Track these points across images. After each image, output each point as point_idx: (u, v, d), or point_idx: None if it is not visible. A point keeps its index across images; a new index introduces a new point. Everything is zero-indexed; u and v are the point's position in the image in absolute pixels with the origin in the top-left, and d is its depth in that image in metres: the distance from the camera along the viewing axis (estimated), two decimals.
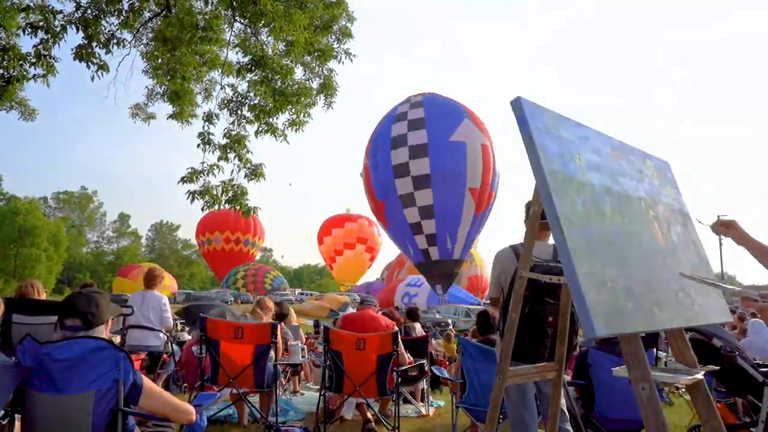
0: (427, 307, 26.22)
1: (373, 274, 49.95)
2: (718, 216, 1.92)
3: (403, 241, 22.51)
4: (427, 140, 21.31)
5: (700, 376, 1.86)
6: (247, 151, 6.78)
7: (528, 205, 3.06)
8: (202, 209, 6.65)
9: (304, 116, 6.80)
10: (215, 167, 6.60)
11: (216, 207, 6.68)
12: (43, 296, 4.47)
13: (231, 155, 6.69)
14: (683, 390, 6.65)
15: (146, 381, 2.23)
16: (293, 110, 6.65)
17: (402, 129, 21.95)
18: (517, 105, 1.89)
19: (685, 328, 2.12)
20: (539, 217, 2.32)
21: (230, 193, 6.60)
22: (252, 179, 6.76)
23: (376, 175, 22.47)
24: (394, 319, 6.39)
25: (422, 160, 21.11)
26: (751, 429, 3.66)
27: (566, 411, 3.12)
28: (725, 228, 1.89)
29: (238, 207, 6.59)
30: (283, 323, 6.52)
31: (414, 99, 23.37)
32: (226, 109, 6.83)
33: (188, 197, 6.55)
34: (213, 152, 6.65)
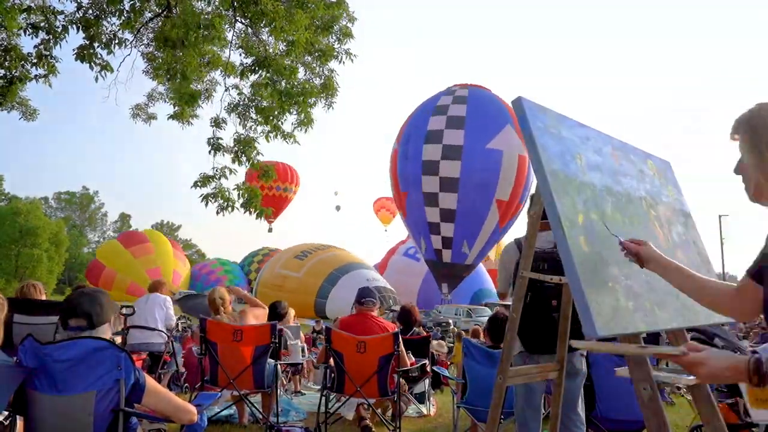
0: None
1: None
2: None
3: (418, 235, 21.80)
4: (463, 143, 20.21)
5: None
6: (257, 153, 6.80)
7: (532, 199, 3.06)
8: (217, 213, 6.66)
9: (309, 114, 6.80)
10: (226, 169, 6.61)
11: (230, 210, 6.66)
12: (44, 297, 4.47)
13: (242, 158, 6.72)
14: (685, 390, 6.64)
15: (149, 380, 2.24)
16: (299, 110, 6.65)
17: (440, 124, 20.73)
18: (518, 105, 1.89)
19: (686, 329, 2.11)
20: (540, 217, 2.32)
21: (245, 196, 6.60)
22: (265, 181, 6.80)
23: (404, 165, 21.42)
24: (412, 315, 6.35)
25: (454, 163, 20.10)
26: (753, 429, 3.66)
27: (581, 413, 3.10)
28: (637, 244, 1.76)
29: (253, 209, 6.60)
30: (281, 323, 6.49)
31: (459, 92, 21.78)
32: (234, 114, 6.85)
33: (202, 200, 6.55)
34: (223, 155, 6.68)
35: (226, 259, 51.41)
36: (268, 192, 38.17)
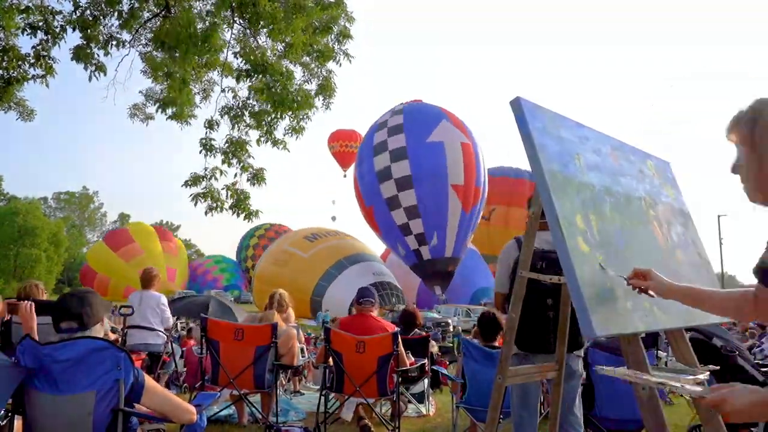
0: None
1: None
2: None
3: (395, 243, 23.12)
4: (405, 143, 21.97)
5: (702, 377, 1.86)
6: (249, 156, 6.80)
7: (530, 202, 3.06)
8: (206, 213, 6.71)
9: (303, 122, 6.81)
10: (217, 170, 6.63)
11: (219, 211, 6.70)
12: (45, 297, 4.46)
13: (233, 161, 6.73)
14: None
15: (148, 379, 2.24)
16: (293, 116, 6.66)
17: (383, 136, 22.74)
18: (517, 105, 1.89)
19: (685, 328, 2.11)
20: (539, 217, 2.32)
21: (234, 198, 6.63)
22: (254, 184, 6.79)
23: (363, 183, 23.28)
24: (415, 318, 6.34)
25: (402, 162, 21.81)
26: (752, 429, 3.66)
27: (578, 414, 3.09)
28: (642, 279, 1.72)
29: (242, 212, 6.61)
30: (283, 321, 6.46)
31: (396, 108, 24.12)
32: (227, 116, 6.85)
33: (192, 199, 6.62)
34: (215, 156, 6.68)
35: (221, 256, 51.26)
36: (340, 149, 38.46)
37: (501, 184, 29.32)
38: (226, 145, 6.74)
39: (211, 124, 6.77)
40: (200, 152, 6.63)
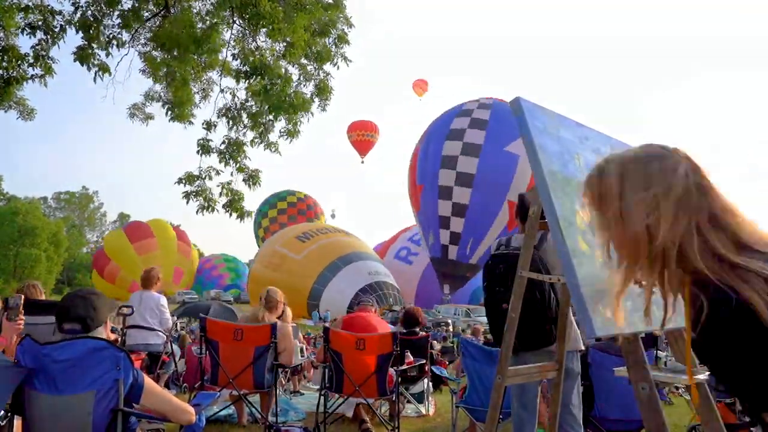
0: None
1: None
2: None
3: (428, 229, 22.33)
4: (483, 142, 21.07)
5: (702, 377, 1.86)
6: (245, 157, 6.82)
7: (521, 199, 3.06)
8: (197, 212, 6.76)
9: (298, 125, 6.82)
10: (211, 170, 6.66)
11: (211, 211, 6.74)
12: (43, 297, 4.46)
13: (230, 161, 6.74)
14: (683, 390, 6.65)
15: (147, 380, 2.24)
16: (288, 120, 6.67)
17: (463, 124, 21.66)
18: (517, 105, 1.89)
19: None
20: (539, 217, 2.31)
21: (228, 197, 6.65)
22: (250, 185, 6.81)
23: (423, 159, 22.29)
24: (417, 318, 6.32)
25: (472, 159, 20.92)
26: (751, 429, 3.66)
27: (576, 413, 3.09)
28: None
29: (234, 211, 6.64)
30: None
31: (484, 100, 22.94)
32: (225, 117, 6.86)
33: (183, 197, 6.70)
34: (210, 156, 6.71)
35: (233, 257, 51.00)
36: (357, 138, 37.59)
37: None
38: (224, 146, 6.76)
39: (209, 126, 6.79)
40: (197, 152, 6.66)
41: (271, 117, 6.63)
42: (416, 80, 39.07)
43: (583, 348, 3.19)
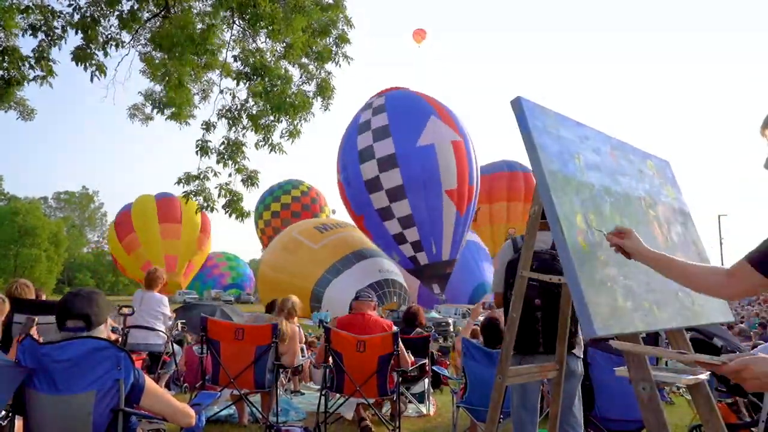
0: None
1: None
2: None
3: (389, 250, 22.34)
4: (394, 149, 20.54)
5: (703, 376, 1.86)
6: (244, 158, 6.82)
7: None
8: (196, 212, 6.77)
9: (299, 125, 6.82)
10: (210, 170, 6.67)
11: (211, 211, 6.76)
12: (33, 295, 4.43)
13: (229, 162, 6.75)
14: (684, 389, 6.65)
15: (148, 381, 2.24)
16: (290, 120, 6.67)
17: (368, 140, 21.13)
18: (517, 104, 1.89)
19: (685, 328, 2.11)
20: (540, 216, 2.32)
21: (227, 198, 6.66)
22: (248, 186, 6.81)
23: (350, 190, 21.96)
24: (417, 317, 6.31)
25: (393, 172, 20.48)
26: (752, 429, 3.66)
27: (577, 414, 3.09)
28: (620, 237, 1.73)
29: (233, 212, 6.64)
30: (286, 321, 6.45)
31: (376, 102, 22.32)
32: (224, 119, 6.86)
33: (182, 197, 6.76)
34: (209, 157, 6.71)
35: (234, 255, 50.80)
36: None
37: (498, 180, 29.25)
38: (223, 146, 6.76)
39: (208, 126, 6.79)
40: (196, 152, 6.66)
41: (272, 118, 6.63)
42: (416, 29, 38.85)
43: (581, 355, 3.19)
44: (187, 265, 37.09)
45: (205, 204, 6.72)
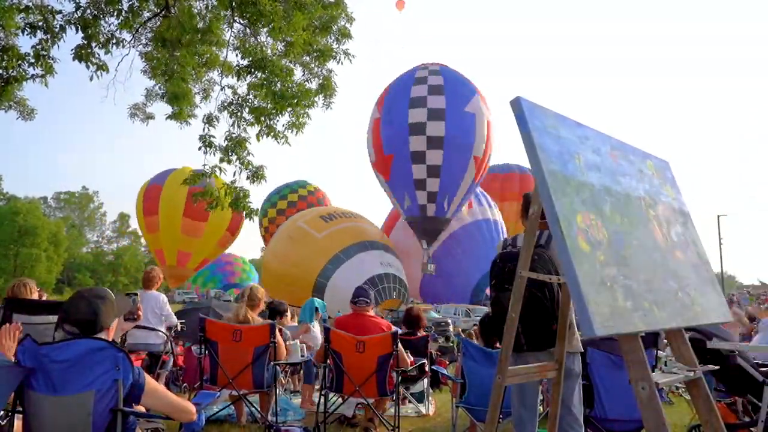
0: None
1: None
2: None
3: (402, 193, 24.59)
4: (445, 106, 23.35)
5: (696, 374, 1.86)
6: (248, 153, 6.80)
7: (525, 199, 3.05)
8: (206, 210, 6.79)
9: (303, 117, 6.80)
10: (217, 168, 6.65)
11: (222, 209, 6.78)
12: (35, 295, 4.43)
13: (233, 158, 6.73)
14: (683, 389, 6.65)
15: (149, 380, 2.23)
16: (293, 112, 6.66)
17: (422, 92, 23.84)
18: (517, 105, 1.89)
19: (684, 328, 2.11)
20: (539, 216, 2.32)
21: (233, 195, 6.66)
22: (254, 181, 6.79)
23: (389, 128, 24.12)
24: (419, 320, 6.31)
25: (439, 123, 23.12)
26: (751, 429, 3.66)
27: (577, 414, 3.09)
28: None
29: (241, 209, 6.64)
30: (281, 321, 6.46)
31: (431, 67, 25.10)
32: (226, 112, 6.84)
33: (193, 198, 6.76)
34: (214, 154, 6.68)
35: (251, 264, 50.47)
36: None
37: (492, 181, 29.97)
38: (226, 142, 6.74)
39: (210, 120, 6.76)
40: (200, 149, 6.64)
41: (274, 111, 6.60)
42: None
43: (582, 350, 3.19)
44: (200, 261, 36.41)
45: (215, 203, 6.72)
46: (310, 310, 7.72)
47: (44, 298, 4.88)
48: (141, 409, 2.28)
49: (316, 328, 7.13)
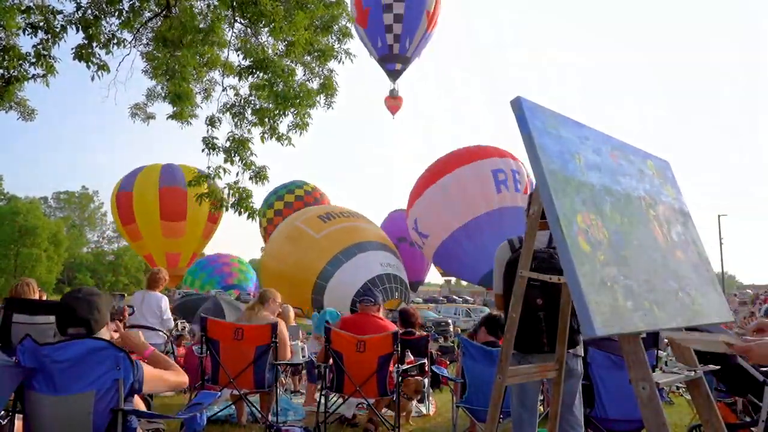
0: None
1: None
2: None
3: (375, 37, 31.42)
4: None
5: (697, 374, 1.86)
6: (251, 154, 6.80)
7: (531, 198, 3.05)
8: (211, 210, 6.80)
9: (306, 118, 6.80)
10: (221, 169, 6.64)
11: (227, 210, 6.78)
12: (36, 295, 4.43)
13: (236, 158, 6.72)
14: (683, 389, 6.65)
15: (145, 369, 2.24)
16: (295, 112, 6.65)
17: None
18: (517, 104, 1.89)
19: (685, 328, 2.11)
20: (539, 216, 2.32)
21: (236, 196, 6.65)
22: (257, 182, 6.79)
23: None
24: (413, 317, 6.34)
25: None
26: (752, 429, 3.66)
27: (578, 414, 3.09)
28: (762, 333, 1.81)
29: (244, 210, 6.63)
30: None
31: None
32: (228, 113, 6.84)
33: (197, 199, 6.80)
34: (217, 154, 6.68)
35: (248, 264, 50.39)
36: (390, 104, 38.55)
37: None
38: (229, 143, 6.74)
39: (212, 121, 6.77)
40: (203, 150, 6.64)
41: (277, 111, 6.59)
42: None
43: (582, 354, 3.19)
44: (190, 257, 36.44)
45: (219, 204, 6.75)
46: (323, 322, 7.77)
47: (44, 298, 4.88)
48: (140, 407, 2.29)
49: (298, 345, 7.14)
